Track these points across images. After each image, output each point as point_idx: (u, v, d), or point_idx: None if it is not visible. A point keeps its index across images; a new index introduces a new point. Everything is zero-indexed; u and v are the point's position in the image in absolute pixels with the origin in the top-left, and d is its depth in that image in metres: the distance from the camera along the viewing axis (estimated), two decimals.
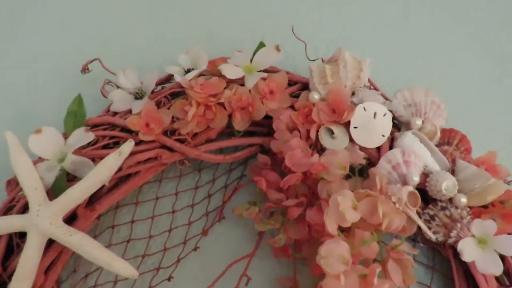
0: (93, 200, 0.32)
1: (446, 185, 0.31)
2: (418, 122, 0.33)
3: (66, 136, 0.33)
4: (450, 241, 0.31)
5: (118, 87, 0.36)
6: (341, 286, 0.27)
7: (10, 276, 0.30)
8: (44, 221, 0.29)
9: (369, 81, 0.36)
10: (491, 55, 0.44)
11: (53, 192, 0.31)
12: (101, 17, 0.44)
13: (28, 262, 0.29)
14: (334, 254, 0.28)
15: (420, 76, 0.42)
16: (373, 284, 0.27)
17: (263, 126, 0.35)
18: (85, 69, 0.37)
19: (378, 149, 0.33)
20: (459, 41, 0.45)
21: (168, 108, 0.34)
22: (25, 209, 0.31)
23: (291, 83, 0.36)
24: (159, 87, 0.37)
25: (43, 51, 0.41)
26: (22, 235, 0.30)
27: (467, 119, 0.38)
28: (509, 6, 0.47)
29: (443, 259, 0.34)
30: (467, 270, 0.32)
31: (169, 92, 0.35)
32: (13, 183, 0.33)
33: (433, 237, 0.31)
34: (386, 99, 0.36)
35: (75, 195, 0.30)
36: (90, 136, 0.32)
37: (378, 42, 0.45)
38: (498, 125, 0.41)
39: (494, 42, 0.45)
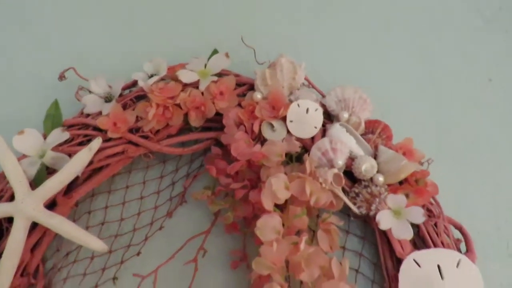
0: (70, 189, 0.38)
1: (365, 167, 0.37)
2: (345, 115, 0.39)
3: (45, 136, 0.38)
4: (371, 213, 0.37)
5: (90, 92, 0.41)
6: (273, 251, 0.33)
7: (0, 255, 0.35)
8: (28, 207, 0.34)
9: (306, 80, 0.42)
10: (421, 54, 0.51)
11: (35, 183, 0.36)
12: (76, 31, 0.50)
13: (15, 242, 0.34)
14: (268, 226, 0.34)
15: (358, 73, 0.48)
16: (300, 249, 0.33)
17: (218, 122, 0.41)
18: (61, 77, 0.42)
19: (313, 138, 0.39)
20: (393, 41, 0.51)
21: (133, 109, 0.39)
22: (11, 198, 0.36)
23: (240, 84, 0.42)
24: (127, 91, 0.43)
25: (24, 62, 0.46)
26: (10, 220, 0.36)
27: (395, 111, 0.44)
28: (438, 8, 0.53)
29: (372, 230, 0.40)
30: (388, 238, 0.38)
31: (134, 95, 0.41)
32: (0, 177, 0.39)
33: (357, 210, 0.37)
34: (323, 95, 0.42)
35: (53, 185, 0.35)
36: (66, 135, 0.38)
37: (321, 46, 0.51)
38: (424, 115, 0.47)
39: (424, 42, 0.51)
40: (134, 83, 0.42)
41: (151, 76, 0.41)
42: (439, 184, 0.39)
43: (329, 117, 0.41)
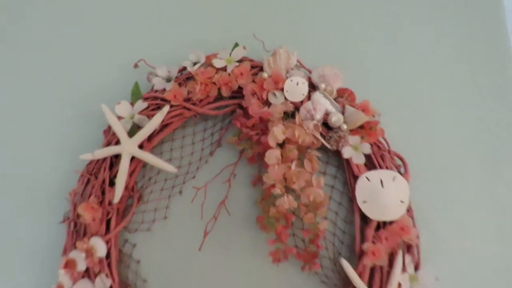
0: (150, 138, 0.61)
1: (335, 119, 0.58)
2: (323, 85, 0.59)
3: (132, 104, 0.61)
4: (339, 149, 0.58)
5: (156, 75, 0.63)
6: (276, 170, 0.55)
7: (114, 177, 0.59)
8: (129, 147, 0.57)
9: (298, 61, 0.62)
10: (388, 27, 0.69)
11: (129, 134, 0.59)
12: (146, 30, 0.71)
13: (122, 169, 0.58)
14: (272, 155, 0.55)
15: (335, 55, 0.67)
16: (292, 169, 0.55)
17: (240, 93, 0.62)
18: (136, 65, 0.64)
19: (301, 102, 0.60)
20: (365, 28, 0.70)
21: (185, 86, 0.61)
22: (117, 143, 0.59)
23: (254, 67, 0.62)
24: (179, 74, 0.64)
25: (112, 56, 0.68)
26: (116, 156, 0.59)
27: (360, 81, 0.64)
28: None
29: (341, 160, 0.61)
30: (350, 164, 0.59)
31: (185, 77, 0.62)
32: (107, 131, 0.62)
33: (330, 147, 0.58)
34: (310, 72, 0.62)
35: (142, 134, 0.58)
36: (145, 104, 0.60)
37: (310, 37, 0.70)
38: (380, 81, 0.66)
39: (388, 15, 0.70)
40: (184, 68, 0.63)
41: (195, 63, 0.62)
42: (390, 129, 0.59)
43: (313, 87, 0.61)
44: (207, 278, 0.59)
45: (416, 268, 0.55)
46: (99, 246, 0.55)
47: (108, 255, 0.57)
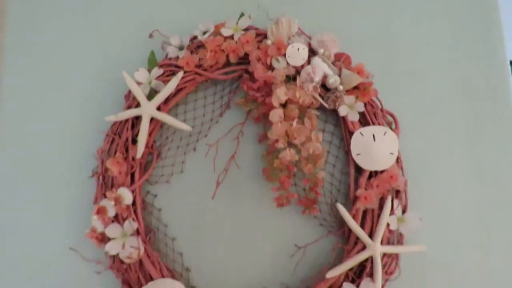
0: (166, 101, 0.68)
1: (332, 81, 0.64)
2: (321, 50, 0.65)
3: (149, 71, 0.67)
4: (336, 108, 0.65)
5: (170, 44, 0.69)
6: (279, 127, 0.62)
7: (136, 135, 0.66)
8: (149, 109, 0.64)
9: (299, 29, 0.68)
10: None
11: (148, 98, 0.66)
12: (159, 2, 0.76)
13: (143, 129, 0.65)
14: (275, 114, 0.62)
15: (333, 22, 0.73)
16: (293, 126, 0.62)
17: (246, 59, 0.68)
18: (151, 35, 0.71)
19: (302, 66, 0.66)
20: None
21: (196, 54, 0.67)
22: (137, 106, 0.66)
23: (258, 35, 0.68)
24: (191, 42, 0.70)
25: (129, 28, 0.74)
26: (137, 118, 0.66)
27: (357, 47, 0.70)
28: None
29: (339, 118, 0.68)
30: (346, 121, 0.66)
31: (196, 45, 0.68)
32: (127, 96, 0.69)
33: (327, 106, 0.65)
34: (310, 38, 0.68)
35: (159, 98, 0.65)
36: (160, 71, 0.67)
37: (311, 5, 0.75)
38: (373, 47, 0.72)
39: None
40: (195, 37, 0.69)
41: (205, 32, 0.68)
42: (382, 89, 0.66)
43: (313, 52, 0.67)
44: (220, 222, 0.67)
45: (403, 211, 0.63)
46: (126, 195, 0.64)
47: (133, 203, 0.65)
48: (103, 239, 0.65)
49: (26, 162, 0.71)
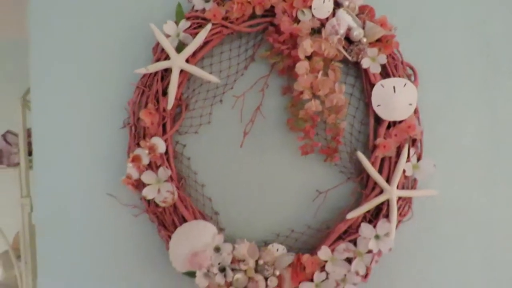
0: (194, 54, 0.69)
1: (356, 33, 0.66)
2: (346, 3, 0.66)
3: (177, 24, 0.69)
4: (359, 60, 0.67)
5: None
6: (304, 79, 0.65)
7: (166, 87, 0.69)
8: (178, 61, 0.67)
9: None
10: None
11: (177, 50, 0.68)
12: None
13: (173, 81, 0.68)
14: (301, 66, 0.65)
15: None
16: (318, 78, 0.65)
17: (272, 11, 0.69)
18: None
19: (327, 18, 0.67)
20: None
21: (223, 6, 0.68)
22: (166, 58, 0.68)
23: None
24: None
25: None
26: (166, 70, 0.69)
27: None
28: None
29: (360, 71, 0.70)
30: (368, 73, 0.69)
31: None
32: (155, 49, 0.70)
33: (350, 58, 0.67)
34: None
35: (188, 50, 0.67)
36: (188, 23, 0.68)
37: None
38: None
39: None
40: None
41: None
42: (404, 42, 0.68)
43: (337, 5, 0.68)
44: (246, 169, 0.72)
45: (418, 158, 0.68)
46: (160, 144, 0.68)
47: (165, 152, 0.69)
48: (138, 185, 0.69)
49: (61, 115, 0.74)
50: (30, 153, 0.92)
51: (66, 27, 0.75)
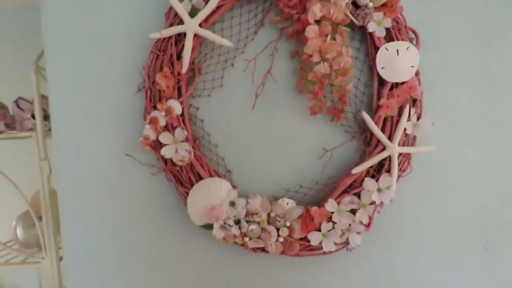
0: (206, 19, 0.72)
1: None
2: None
3: None
4: (365, 24, 0.71)
5: None
6: (314, 42, 0.68)
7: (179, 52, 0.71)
8: (192, 26, 0.69)
9: None
10: None
11: (190, 15, 0.70)
12: None
13: (188, 44, 0.70)
14: (311, 30, 0.68)
15: None
16: (327, 42, 0.68)
17: None
18: None
19: None
20: None
21: None
22: (179, 23, 0.71)
23: None
24: None
25: None
26: (179, 35, 0.71)
27: None
28: None
29: (365, 35, 0.74)
30: (373, 37, 0.72)
31: None
32: (168, 14, 0.73)
33: (357, 22, 0.71)
34: None
35: (202, 15, 0.69)
36: None
37: None
38: None
39: None
40: None
41: None
42: (407, 7, 0.71)
43: None
44: (257, 130, 0.76)
45: (418, 117, 0.73)
46: (176, 106, 0.71)
47: (181, 114, 0.73)
48: (155, 146, 0.73)
49: (76, 80, 0.77)
50: (44, 118, 0.94)
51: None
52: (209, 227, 0.73)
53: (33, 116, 0.93)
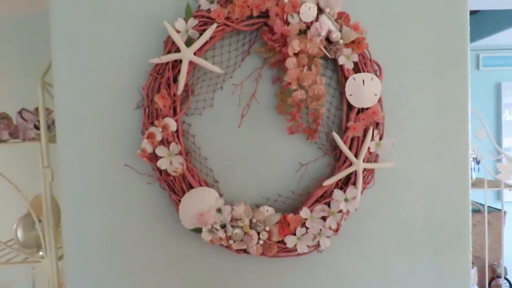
0: (200, 48, 0.82)
1: (335, 35, 0.81)
2: (328, 10, 0.81)
3: (186, 21, 0.81)
4: (337, 57, 0.82)
5: None
6: (293, 72, 0.79)
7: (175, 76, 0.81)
8: (188, 54, 0.79)
9: None
10: None
11: (185, 44, 0.81)
12: None
13: (183, 70, 0.80)
14: (291, 61, 0.79)
15: None
16: (303, 71, 0.80)
17: (266, 13, 0.82)
18: None
19: (311, 22, 0.82)
20: None
21: (225, 7, 0.81)
22: (176, 51, 0.81)
23: None
24: None
25: None
26: (176, 61, 0.81)
27: (356, 7, 0.85)
28: None
29: (337, 66, 0.86)
30: (343, 68, 0.84)
31: (224, 0, 0.82)
32: (166, 42, 0.83)
33: (330, 56, 0.83)
34: None
35: (196, 45, 0.80)
36: (195, 22, 0.81)
37: None
38: (367, 10, 0.88)
39: None
40: None
41: None
42: (371, 43, 0.83)
43: (320, 11, 0.82)
44: (242, 145, 0.87)
45: (380, 138, 0.85)
46: (172, 124, 0.81)
47: (175, 131, 0.83)
48: (151, 158, 0.83)
49: (81, 96, 0.86)
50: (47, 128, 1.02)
51: (87, 20, 0.85)
52: (198, 230, 0.83)
53: (35, 126, 1.00)
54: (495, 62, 3.43)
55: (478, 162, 2.15)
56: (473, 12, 3.12)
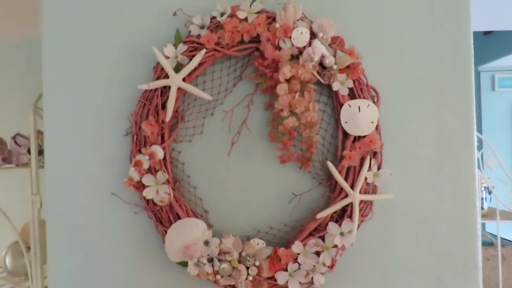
0: (190, 73, 0.80)
1: (328, 60, 0.78)
2: (321, 34, 0.78)
3: (175, 47, 0.79)
4: (331, 83, 0.79)
5: (192, 23, 0.80)
6: (284, 98, 0.76)
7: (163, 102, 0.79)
8: (176, 80, 0.77)
9: (303, 14, 0.80)
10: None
11: (175, 69, 0.79)
12: None
13: (171, 96, 0.78)
14: (282, 87, 0.76)
15: (331, 10, 0.85)
16: (295, 98, 0.76)
17: (258, 39, 0.80)
18: (175, 14, 0.82)
19: (304, 47, 0.79)
20: None
21: (216, 33, 0.79)
22: (165, 77, 0.79)
23: (268, 18, 0.80)
24: (210, 22, 0.82)
25: (155, 7, 0.85)
26: (165, 87, 0.79)
27: (351, 31, 0.82)
28: None
29: (332, 92, 0.82)
30: (338, 95, 0.81)
31: (215, 25, 0.80)
32: (156, 68, 0.81)
33: (323, 81, 0.79)
34: (311, 22, 0.80)
35: (185, 71, 0.78)
36: (185, 47, 0.79)
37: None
38: (363, 31, 0.85)
39: None
40: (214, 17, 0.81)
41: (222, 14, 0.80)
42: (368, 69, 0.80)
43: (313, 35, 0.80)
44: (233, 174, 0.84)
45: (378, 168, 0.80)
46: (159, 151, 0.78)
47: (163, 158, 0.80)
48: (138, 186, 0.80)
49: (71, 122, 0.84)
50: (39, 153, 1.01)
51: (77, 47, 0.85)
52: (184, 264, 0.79)
53: (29, 152, 1.00)
54: (511, 83, 3.33)
55: (490, 192, 2.04)
56: (487, 33, 3.06)
